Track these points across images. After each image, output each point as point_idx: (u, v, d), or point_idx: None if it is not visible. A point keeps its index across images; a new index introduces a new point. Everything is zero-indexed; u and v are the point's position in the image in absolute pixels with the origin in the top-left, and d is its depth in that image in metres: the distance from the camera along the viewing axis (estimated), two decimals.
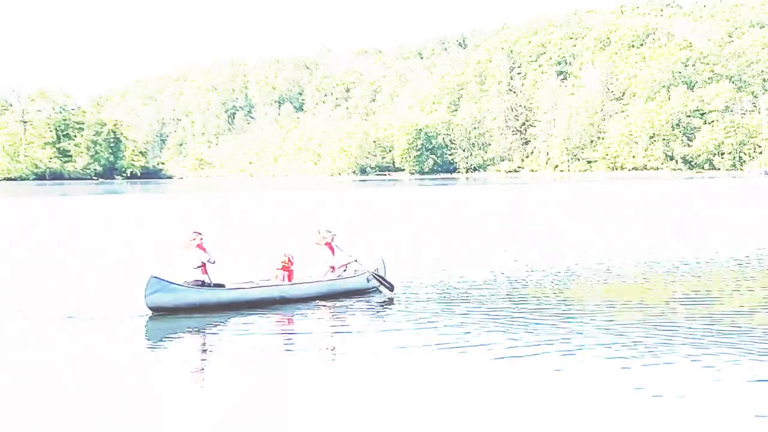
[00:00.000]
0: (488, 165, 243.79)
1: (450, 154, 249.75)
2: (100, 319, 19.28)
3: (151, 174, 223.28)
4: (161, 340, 18.63)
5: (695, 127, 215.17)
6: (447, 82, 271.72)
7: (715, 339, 15.75)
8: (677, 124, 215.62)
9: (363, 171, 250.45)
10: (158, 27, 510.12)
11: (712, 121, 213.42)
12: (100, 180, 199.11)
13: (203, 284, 21.86)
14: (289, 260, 22.87)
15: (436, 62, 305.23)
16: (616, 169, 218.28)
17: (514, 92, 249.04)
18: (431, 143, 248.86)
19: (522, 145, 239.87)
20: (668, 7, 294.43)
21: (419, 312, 19.35)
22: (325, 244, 23.32)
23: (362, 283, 23.27)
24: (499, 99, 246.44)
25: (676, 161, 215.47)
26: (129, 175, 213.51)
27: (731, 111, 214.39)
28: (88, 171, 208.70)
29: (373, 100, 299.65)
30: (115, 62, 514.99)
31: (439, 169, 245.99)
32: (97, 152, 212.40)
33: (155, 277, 21.45)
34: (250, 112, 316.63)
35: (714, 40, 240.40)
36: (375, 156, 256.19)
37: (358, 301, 22.04)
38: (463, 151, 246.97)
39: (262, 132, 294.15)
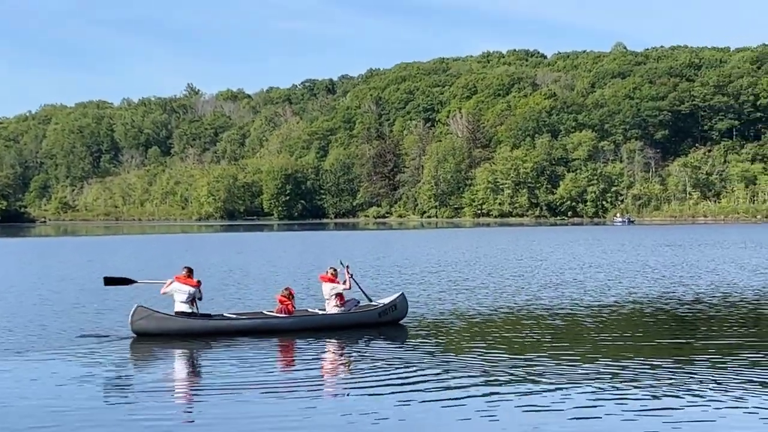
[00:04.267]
0: (357, 210, 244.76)
1: (319, 200, 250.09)
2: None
3: (12, 217, 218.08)
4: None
5: (559, 175, 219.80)
6: (316, 128, 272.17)
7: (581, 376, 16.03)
8: (542, 172, 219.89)
9: (231, 215, 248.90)
10: (19, 68, 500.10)
11: (576, 169, 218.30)
12: None
13: (189, 314, 23.80)
14: (289, 294, 25.09)
15: (305, 107, 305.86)
16: (483, 215, 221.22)
17: (383, 138, 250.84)
18: (300, 188, 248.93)
19: (390, 191, 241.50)
20: (532, 57, 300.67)
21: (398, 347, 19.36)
22: (329, 280, 25.67)
23: (353, 319, 25.32)
24: (368, 145, 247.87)
25: (541, 208, 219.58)
26: None
27: (594, 159, 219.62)
28: None
29: (242, 144, 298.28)
30: None
31: (308, 214, 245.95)
32: None
33: (141, 306, 23.67)
34: (116, 155, 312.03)
35: (577, 89, 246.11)
36: (243, 200, 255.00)
37: (341, 335, 23.83)
38: (332, 196, 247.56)
39: (128, 175, 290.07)
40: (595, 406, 15.91)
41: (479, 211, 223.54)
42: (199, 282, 24.51)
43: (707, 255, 62.30)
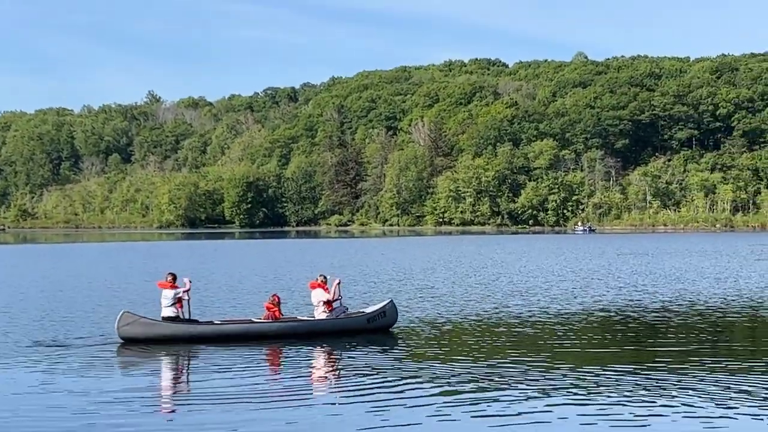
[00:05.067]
0: (319, 218, 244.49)
1: (281, 208, 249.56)
2: None
3: None
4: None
5: (520, 184, 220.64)
6: (277, 135, 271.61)
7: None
8: (503, 181, 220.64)
9: (192, 223, 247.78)
10: None
11: (537, 178, 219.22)
12: None
13: (175, 319, 24.11)
14: (275, 300, 25.45)
15: (267, 115, 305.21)
16: (444, 223, 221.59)
17: (345, 146, 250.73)
18: (262, 196, 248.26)
19: (352, 199, 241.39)
20: (494, 66, 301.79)
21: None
22: (318, 286, 25.98)
23: (341, 325, 25.65)
24: (330, 153, 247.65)
25: (502, 216, 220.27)
26: None
27: (555, 168, 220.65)
28: None
29: (203, 152, 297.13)
30: None
31: (270, 222, 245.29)
32: None
33: (127, 311, 23.99)
34: (76, 162, 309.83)
35: (538, 98, 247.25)
36: (204, 208, 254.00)
37: (327, 341, 24.34)
38: (294, 204, 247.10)
39: (88, 183, 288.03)
40: (556, 412, 16.16)
41: (441, 220, 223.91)
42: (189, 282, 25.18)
43: (669, 263, 62.83)
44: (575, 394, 17.70)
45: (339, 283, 26.69)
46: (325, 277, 26.39)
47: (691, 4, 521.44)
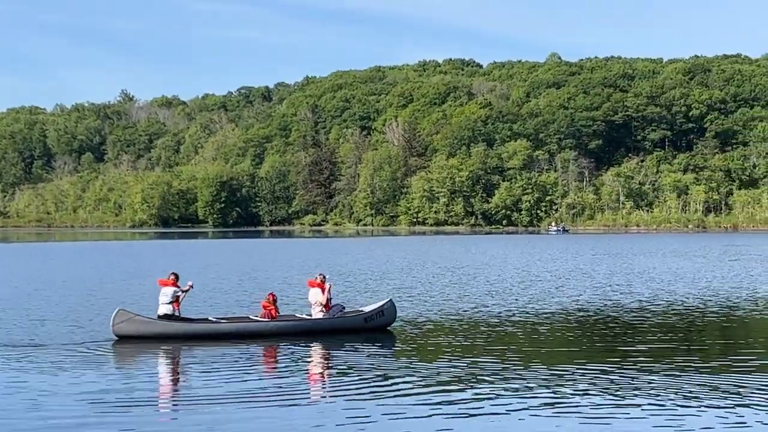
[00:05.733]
0: (293, 218, 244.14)
1: (254, 207, 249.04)
2: None
3: None
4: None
5: (494, 184, 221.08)
6: (251, 135, 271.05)
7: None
8: (477, 181, 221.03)
9: (165, 223, 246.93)
10: None
11: (511, 179, 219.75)
12: None
13: (171, 317, 24.50)
14: (271, 299, 25.69)
15: (241, 114, 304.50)
16: (418, 223, 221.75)
17: (319, 146, 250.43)
18: (235, 196, 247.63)
19: (326, 199, 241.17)
20: (468, 66, 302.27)
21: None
22: (317, 285, 26.19)
23: (337, 324, 25.81)
24: (304, 153, 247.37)
25: (476, 217, 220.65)
26: None
27: (529, 169, 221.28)
28: None
29: (177, 151, 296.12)
30: None
31: (243, 221, 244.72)
32: None
33: (122, 309, 24.36)
34: (48, 161, 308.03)
35: (512, 99, 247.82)
36: (178, 208, 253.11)
37: (323, 340, 24.54)
38: (268, 204, 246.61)
39: (60, 182, 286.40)
40: (529, 410, 16.24)
41: (415, 220, 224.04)
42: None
43: (645, 263, 63.17)
44: (551, 390, 17.96)
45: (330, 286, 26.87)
46: (324, 277, 26.60)
47: (664, 6, 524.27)
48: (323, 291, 26.17)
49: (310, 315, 26.30)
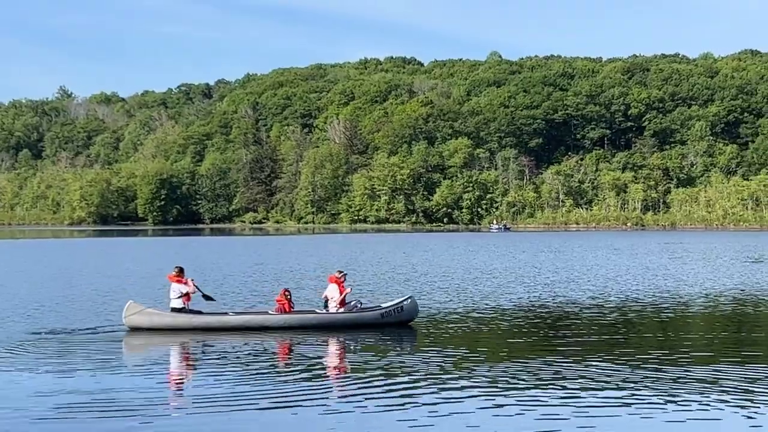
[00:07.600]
0: (233, 216, 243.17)
1: (195, 205, 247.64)
2: None
3: None
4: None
5: (435, 182, 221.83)
6: (192, 132, 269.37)
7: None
8: (418, 179, 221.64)
9: (104, 220, 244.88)
10: None
11: (452, 177, 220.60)
12: None
13: (181, 310, 25.33)
14: (284, 294, 26.30)
15: (181, 111, 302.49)
16: (360, 221, 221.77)
17: (260, 143, 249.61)
18: (175, 193, 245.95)
19: (267, 196, 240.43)
20: (409, 65, 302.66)
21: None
22: (335, 281, 26.69)
23: (352, 319, 26.09)
24: (245, 150, 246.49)
25: (417, 214, 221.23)
26: None
27: (469, 167, 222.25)
28: None
29: (116, 149, 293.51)
30: None
31: (184, 219, 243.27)
32: None
33: (132, 302, 25.42)
34: None
35: (453, 97, 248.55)
36: (117, 205, 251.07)
37: (326, 334, 24.93)
38: (208, 201, 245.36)
39: None
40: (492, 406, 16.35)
41: (356, 218, 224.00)
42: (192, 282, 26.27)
43: (589, 261, 63.81)
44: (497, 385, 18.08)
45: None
46: (344, 275, 27.08)
47: (603, 6, 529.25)
48: (340, 288, 26.52)
49: (324, 310, 26.75)
